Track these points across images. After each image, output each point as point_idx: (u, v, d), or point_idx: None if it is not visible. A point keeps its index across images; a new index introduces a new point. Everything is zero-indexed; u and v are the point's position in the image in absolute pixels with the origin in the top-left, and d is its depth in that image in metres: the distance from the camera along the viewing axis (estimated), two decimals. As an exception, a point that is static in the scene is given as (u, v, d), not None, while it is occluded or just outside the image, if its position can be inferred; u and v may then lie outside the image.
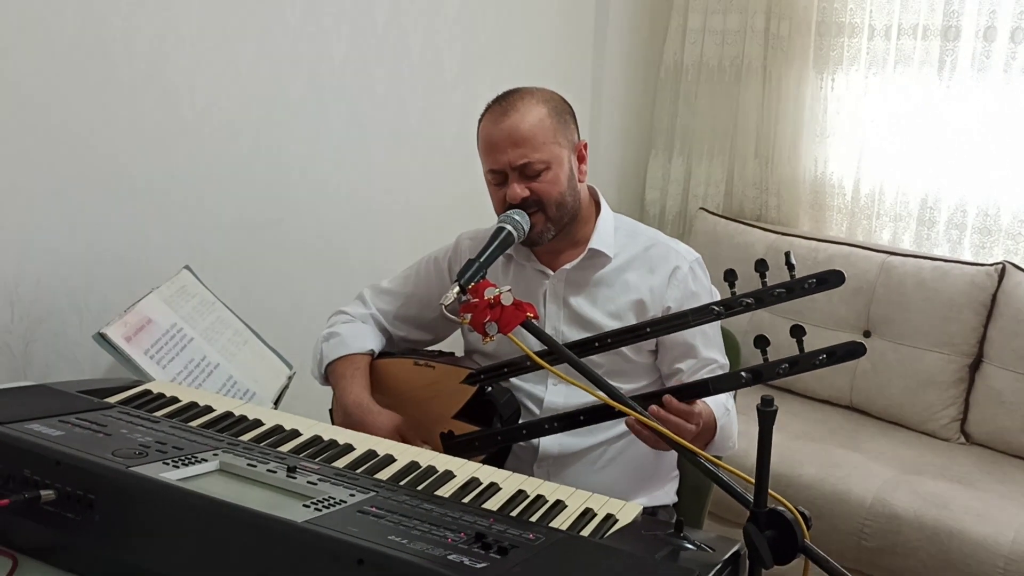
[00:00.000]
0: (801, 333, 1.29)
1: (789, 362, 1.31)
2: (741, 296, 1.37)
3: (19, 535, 1.15)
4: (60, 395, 1.37)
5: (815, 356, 1.29)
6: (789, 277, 1.35)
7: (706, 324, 1.59)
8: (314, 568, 0.95)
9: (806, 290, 1.34)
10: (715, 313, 1.40)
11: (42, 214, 1.95)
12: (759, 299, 1.36)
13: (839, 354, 1.30)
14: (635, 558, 1.01)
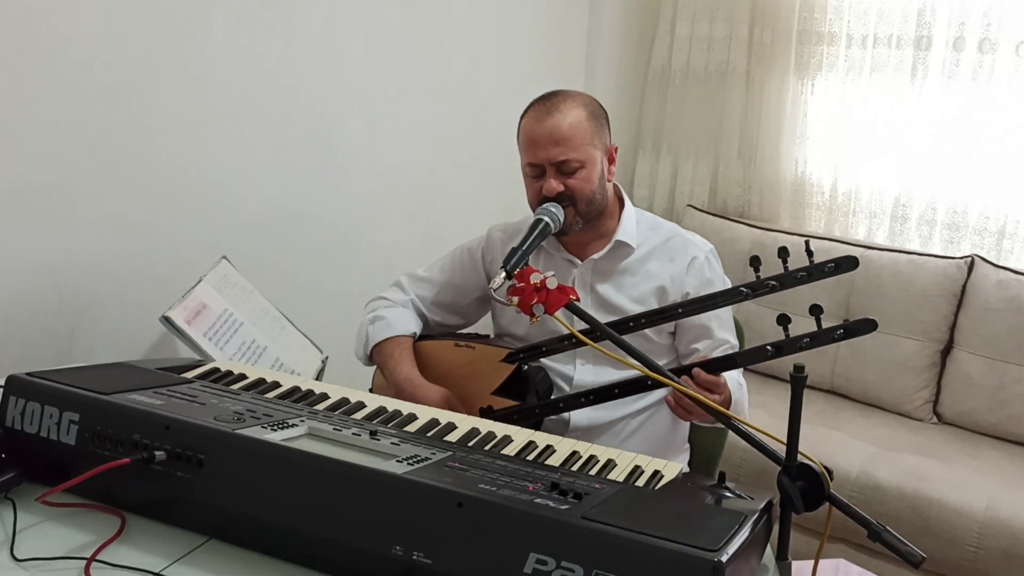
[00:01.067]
0: (819, 311, 1.41)
1: (810, 336, 1.41)
2: (767, 279, 1.50)
3: (126, 495, 1.25)
4: (145, 371, 1.47)
5: (833, 331, 1.40)
6: (808, 263, 1.48)
7: (721, 309, 1.74)
8: (417, 513, 1.07)
9: (825, 273, 1.46)
10: (744, 294, 1.54)
11: (87, 208, 2.03)
12: (782, 282, 1.49)
13: (854, 329, 1.40)
14: (691, 502, 1.15)
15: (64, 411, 1.28)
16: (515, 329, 1.87)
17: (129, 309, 2.14)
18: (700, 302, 1.63)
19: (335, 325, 2.53)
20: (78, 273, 2.04)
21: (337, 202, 2.63)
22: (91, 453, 1.25)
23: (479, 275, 1.90)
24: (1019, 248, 3.01)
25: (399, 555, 1.07)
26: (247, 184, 2.38)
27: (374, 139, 2.71)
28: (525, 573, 1.01)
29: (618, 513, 1.06)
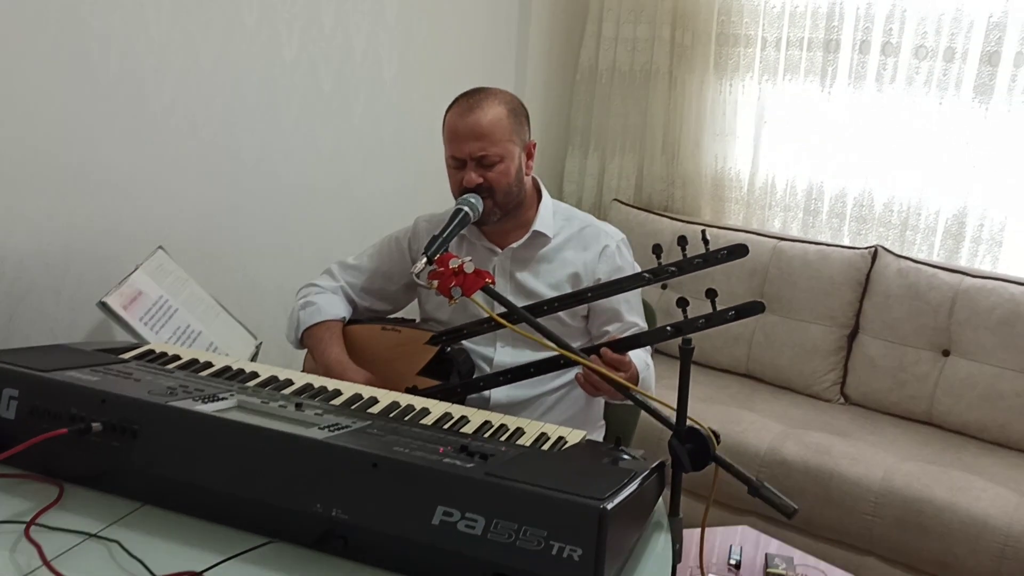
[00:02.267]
0: (714, 295, 1.53)
1: (705, 317, 1.53)
2: (667, 265, 1.61)
3: (64, 465, 1.32)
4: (82, 352, 1.54)
5: (726, 312, 1.52)
6: (704, 250, 1.59)
7: (630, 293, 1.86)
8: (335, 474, 1.16)
9: (719, 259, 1.57)
10: (646, 279, 1.65)
11: (25, 201, 2.07)
12: (681, 267, 1.60)
13: (745, 310, 1.52)
14: (587, 461, 1.26)
15: (4, 387, 1.34)
16: (439, 314, 1.97)
17: (66, 297, 2.18)
18: (608, 287, 1.74)
19: (269, 312, 2.60)
20: (15, 262, 2.08)
21: (272, 195, 2.69)
22: (30, 427, 1.31)
23: (405, 263, 2.00)
24: (920, 239, 3.20)
25: (320, 512, 1.16)
26: (184, 177, 2.42)
27: (308, 135, 2.77)
28: (433, 524, 1.11)
29: (518, 470, 1.16)
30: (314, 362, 1.92)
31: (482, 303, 1.60)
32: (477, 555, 1.09)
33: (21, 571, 1.11)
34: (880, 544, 2.50)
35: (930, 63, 3.09)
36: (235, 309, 2.26)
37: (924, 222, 3.19)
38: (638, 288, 1.76)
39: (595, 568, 1.05)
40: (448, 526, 1.10)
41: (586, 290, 1.74)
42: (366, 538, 1.15)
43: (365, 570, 1.16)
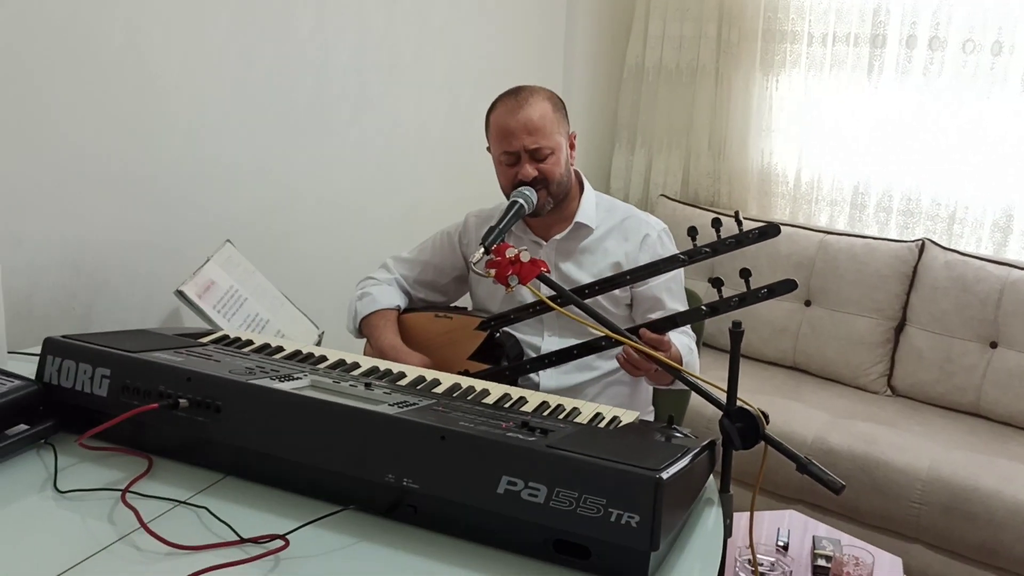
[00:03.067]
0: (747, 274, 1.55)
1: (739, 297, 1.57)
2: (702, 246, 1.66)
3: (152, 439, 1.41)
4: (164, 336, 1.64)
5: (758, 291, 1.55)
6: (738, 231, 1.63)
7: (673, 282, 1.92)
8: (406, 446, 1.24)
9: (751, 239, 1.61)
10: (681, 260, 1.70)
11: (103, 199, 2.19)
12: (715, 248, 1.64)
13: (777, 288, 1.55)
14: (642, 437, 1.32)
15: (97, 367, 1.43)
16: (490, 304, 2.04)
17: (139, 287, 2.29)
18: (644, 269, 1.78)
19: (327, 305, 2.69)
20: (95, 255, 2.20)
21: (329, 194, 2.79)
22: (121, 403, 1.40)
23: (456, 256, 2.08)
24: (968, 232, 3.21)
25: (391, 482, 1.23)
26: (249, 175, 2.53)
27: (359, 137, 2.87)
28: (498, 493, 1.18)
29: (577, 443, 1.23)
30: (371, 349, 2.00)
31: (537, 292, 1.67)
32: (539, 522, 1.16)
33: (120, 533, 1.20)
34: (927, 531, 2.53)
35: (977, 57, 3.09)
36: (296, 300, 2.36)
37: (972, 216, 3.19)
38: (676, 272, 1.81)
39: (651, 534, 1.11)
40: (512, 495, 1.17)
41: (624, 273, 1.79)
42: (435, 506, 1.22)
43: (433, 536, 1.23)
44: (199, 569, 1.11)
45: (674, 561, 1.22)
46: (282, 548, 1.17)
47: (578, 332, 1.94)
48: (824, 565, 1.98)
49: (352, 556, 1.19)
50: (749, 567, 1.92)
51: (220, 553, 1.16)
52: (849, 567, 1.89)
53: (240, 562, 1.14)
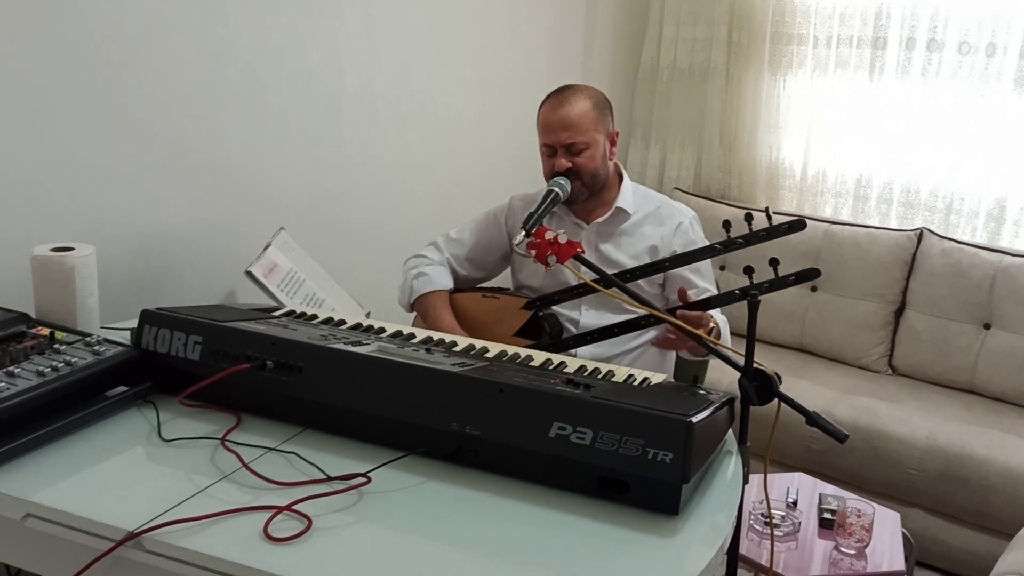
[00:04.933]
0: (776, 263, 1.73)
1: (769, 282, 1.73)
2: (735, 237, 1.82)
3: (240, 398, 1.58)
4: (241, 309, 1.81)
5: (786, 277, 1.72)
6: (768, 225, 1.80)
7: (702, 264, 2.08)
8: (468, 398, 1.40)
9: (781, 232, 1.77)
10: (717, 250, 1.87)
11: (169, 190, 2.35)
12: (747, 239, 1.80)
13: (803, 276, 1.73)
14: (672, 392, 1.49)
15: (190, 335, 1.60)
16: (531, 282, 2.21)
17: (200, 271, 2.46)
18: (683, 257, 1.95)
19: (371, 286, 2.87)
20: (161, 241, 2.36)
21: (372, 184, 2.96)
22: (212, 366, 1.56)
23: (502, 236, 2.24)
24: (963, 222, 3.36)
25: (456, 429, 1.40)
26: (301, 166, 2.69)
27: (400, 130, 3.03)
28: (550, 437, 1.34)
29: (617, 394, 1.40)
30: (424, 325, 2.17)
31: (572, 268, 1.83)
32: (586, 461, 1.32)
33: (223, 472, 1.37)
34: (924, 496, 2.69)
35: (972, 58, 3.24)
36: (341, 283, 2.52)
37: (967, 206, 3.35)
38: (709, 258, 1.98)
39: (683, 468, 1.27)
40: (562, 438, 1.34)
41: (664, 260, 1.97)
42: (494, 450, 1.39)
43: (492, 477, 1.40)
44: (297, 498, 1.28)
45: (700, 503, 1.38)
46: (364, 484, 1.35)
47: (613, 307, 2.10)
48: (829, 518, 2.14)
49: (423, 492, 1.36)
50: (763, 518, 2.09)
51: (312, 488, 1.33)
52: (852, 518, 2.06)
53: (330, 494, 1.31)
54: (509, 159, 3.40)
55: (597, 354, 2.12)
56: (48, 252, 1.75)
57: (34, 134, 1.96)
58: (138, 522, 1.21)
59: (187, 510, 1.25)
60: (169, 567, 1.18)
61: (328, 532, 1.23)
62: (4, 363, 1.45)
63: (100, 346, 1.58)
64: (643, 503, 1.32)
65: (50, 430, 1.41)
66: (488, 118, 3.37)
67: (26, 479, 1.32)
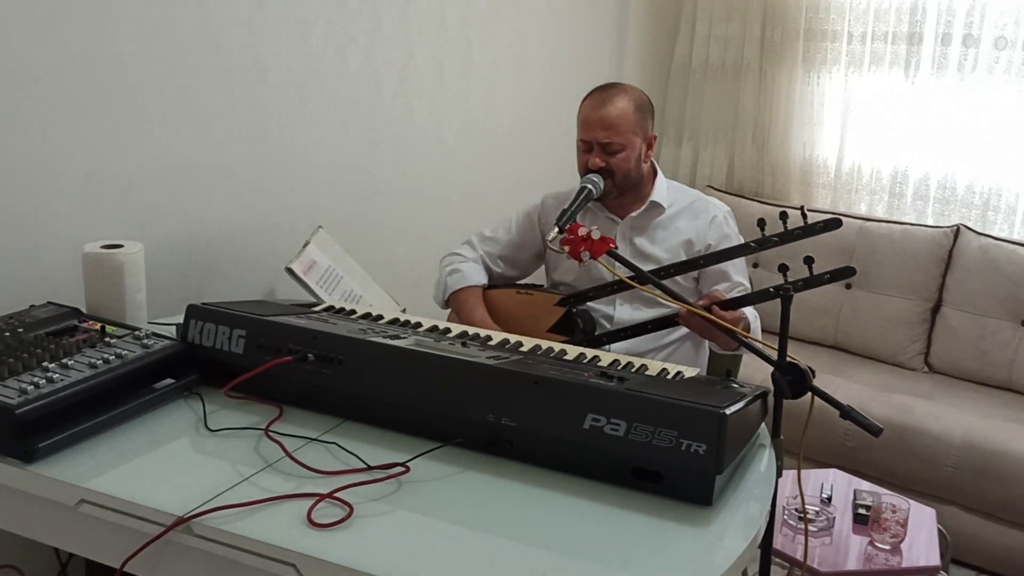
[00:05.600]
0: (811, 261, 1.72)
1: (804, 280, 1.71)
2: (771, 235, 1.82)
3: (282, 390, 1.62)
4: (282, 304, 1.85)
5: (822, 276, 1.71)
6: (804, 223, 1.79)
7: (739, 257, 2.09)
8: (503, 390, 1.43)
9: (816, 231, 1.75)
10: (752, 248, 1.87)
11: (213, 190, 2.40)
12: (782, 238, 1.79)
13: (838, 274, 1.71)
14: (705, 385, 1.51)
15: (234, 329, 1.65)
16: (565, 279, 2.23)
17: (242, 267, 2.51)
18: (719, 255, 1.95)
19: (406, 284, 2.91)
20: (207, 239, 2.41)
21: (407, 184, 3.00)
22: (256, 359, 1.60)
23: (535, 234, 2.27)
24: (1000, 218, 3.33)
25: (491, 421, 1.43)
26: (336, 168, 2.74)
27: (435, 128, 3.07)
28: (584, 428, 1.37)
29: (651, 387, 1.42)
30: (458, 320, 2.20)
31: (606, 264, 1.85)
32: (620, 452, 1.35)
33: (267, 461, 1.41)
34: (960, 493, 2.68)
35: (1009, 53, 3.22)
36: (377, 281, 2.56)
37: (1004, 202, 3.32)
38: (743, 256, 1.99)
39: (716, 459, 1.29)
40: (596, 430, 1.36)
41: (699, 258, 1.98)
42: (529, 441, 1.42)
43: (527, 467, 1.43)
44: (339, 486, 1.32)
45: (733, 495, 1.39)
46: (403, 473, 1.38)
47: (647, 302, 2.12)
48: (864, 513, 2.15)
49: (460, 481, 1.39)
50: (797, 513, 2.10)
51: (352, 477, 1.36)
52: (887, 513, 2.06)
53: (370, 482, 1.35)
54: (543, 157, 3.42)
55: (631, 349, 2.14)
56: (98, 249, 1.80)
57: (84, 135, 2.02)
58: (187, 508, 1.25)
59: (233, 496, 1.29)
60: (217, 551, 1.23)
61: (369, 519, 1.26)
62: (58, 355, 1.51)
63: (148, 340, 1.63)
64: (676, 493, 1.34)
65: (102, 420, 1.46)
66: (522, 117, 3.40)
67: (80, 466, 1.37)
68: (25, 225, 1.94)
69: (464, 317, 2.16)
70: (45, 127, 1.95)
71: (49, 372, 1.44)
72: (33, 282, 1.94)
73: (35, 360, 1.47)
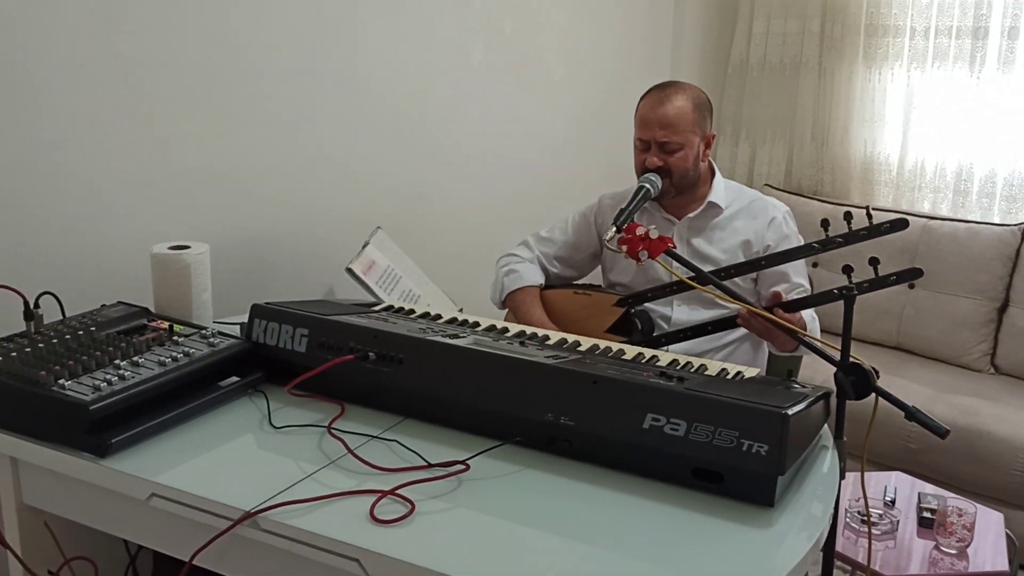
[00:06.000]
0: (876, 262, 1.68)
1: (869, 282, 1.68)
2: (834, 236, 1.78)
3: (343, 388, 1.64)
4: (342, 304, 1.88)
5: (888, 277, 1.67)
6: (869, 224, 1.75)
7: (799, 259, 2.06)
8: (563, 389, 1.43)
9: (881, 231, 1.72)
10: (815, 249, 1.84)
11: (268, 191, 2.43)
12: (846, 239, 1.75)
13: (905, 275, 1.68)
14: (766, 386, 1.49)
15: (297, 328, 1.68)
16: (622, 280, 2.23)
17: (300, 266, 2.55)
18: (780, 256, 1.92)
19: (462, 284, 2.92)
20: (267, 239, 2.45)
21: (460, 185, 3.02)
22: (318, 358, 1.63)
23: (592, 234, 2.27)
24: (1071, 216, 3.24)
25: (550, 420, 1.43)
26: (391, 168, 2.77)
27: (493, 129, 3.08)
28: (643, 428, 1.37)
29: (711, 387, 1.41)
30: (516, 320, 2.21)
31: (665, 265, 1.84)
32: (680, 452, 1.34)
33: (330, 458, 1.43)
34: (1029, 498, 2.61)
35: (1080, 45, 3.12)
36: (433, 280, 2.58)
37: (1076, 199, 3.22)
38: (805, 257, 1.96)
39: (778, 460, 1.28)
40: (656, 430, 1.36)
41: (760, 259, 1.96)
42: (587, 440, 1.42)
43: (586, 466, 1.43)
44: (400, 483, 1.33)
45: (795, 496, 1.38)
46: (463, 471, 1.39)
47: (705, 303, 2.11)
48: (929, 516, 2.10)
49: (520, 480, 1.40)
50: (860, 516, 2.06)
51: (413, 474, 1.38)
52: (953, 517, 2.01)
53: (431, 479, 1.36)
54: (599, 157, 3.42)
55: (689, 349, 2.12)
56: (166, 250, 1.85)
57: (154, 139, 2.07)
58: (253, 503, 1.28)
59: (298, 492, 1.31)
60: (282, 545, 1.25)
61: (430, 516, 1.28)
62: (129, 354, 1.55)
63: (214, 338, 1.66)
64: (738, 494, 1.33)
65: (170, 416, 1.50)
66: (577, 117, 3.40)
67: (150, 461, 1.41)
68: (96, 227, 2.00)
69: (521, 317, 2.16)
70: (114, 133, 2.00)
71: (121, 370, 1.48)
72: (103, 282, 1.99)
73: (107, 358, 1.52)
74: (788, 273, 2.10)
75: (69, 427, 1.40)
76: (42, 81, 1.85)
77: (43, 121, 1.87)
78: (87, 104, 1.94)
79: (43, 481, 1.51)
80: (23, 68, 1.81)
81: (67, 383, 1.42)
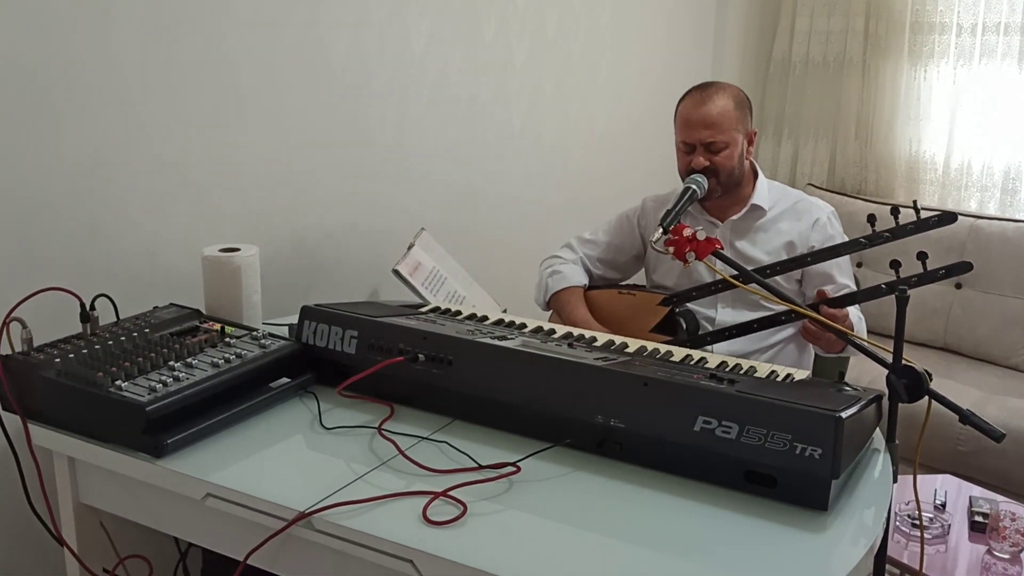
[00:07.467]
0: (924, 256, 1.67)
1: (917, 276, 1.67)
2: (881, 231, 1.76)
3: (392, 389, 1.64)
4: (390, 306, 1.88)
5: (937, 271, 1.66)
6: (916, 218, 1.74)
7: (841, 259, 2.03)
8: (613, 391, 1.43)
9: (929, 226, 1.70)
10: (862, 244, 1.82)
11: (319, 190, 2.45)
12: (894, 233, 1.74)
13: (954, 269, 1.66)
14: (817, 388, 1.47)
15: (347, 329, 1.68)
16: (666, 281, 2.21)
17: (347, 268, 2.57)
18: (826, 252, 1.90)
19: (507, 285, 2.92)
20: (313, 241, 2.48)
21: (506, 186, 3.02)
22: (368, 359, 1.64)
23: (635, 236, 2.25)
24: (1124, 214, 3.16)
25: (600, 422, 1.43)
26: (437, 168, 2.77)
27: (533, 130, 3.08)
28: (695, 430, 1.35)
29: (763, 389, 1.39)
30: (560, 321, 2.20)
31: (712, 266, 1.83)
32: (732, 455, 1.32)
33: (381, 459, 1.44)
34: (1083, 503, 2.54)
35: None
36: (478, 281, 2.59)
37: None
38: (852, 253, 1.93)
39: (832, 464, 1.26)
40: (707, 432, 1.34)
41: (805, 255, 1.93)
42: (638, 443, 1.41)
43: (637, 469, 1.42)
44: (452, 485, 1.33)
45: (848, 500, 1.36)
46: (514, 472, 1.39)
47: (750, 304, 2.08)
48: (981, 521, 2.06)
49: (570, 482, 1.39)
50: (910, 520, 2.03)
51: (464, 476, 1.38)
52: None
53: (482, 481, 1.36)
54: (641, 159, 3.40)
55: (734, 351, 2.10)
56: (217, 252, 1.87)
57: (204, 143, 2.10)
58: (307, 503, 1.28)
59: (350, 493, 1.32)
60: (336, 545, 1.26)
61: (482, 517, 1.27)
62: (182, 355, 1.57)
63: (265, 340, 1.68)
64: (791, 498, 1.31)
65: (224, 417, 1.51)
66: (620, 118, 3.39)
67: (205, 461, 1.42)
68: (148, 230, 2.03)
69: (566, 317, 2.16)
70: (167, 138, 2.03)
71: (175, 371, 1.50)
72: (155, 284, 2.02)
73: (162, 359, 1.54)
74: (833, 275, 2.07)
75: (126, 428, 1.41)
76: (100, 86, 1.88)
77: (100, 127, 1.90)
78: (141, 109, 1.96)
79: (100, 480, 1.53)
80: (82, 74, 1.84)
81: (124, 384, 1.44)
